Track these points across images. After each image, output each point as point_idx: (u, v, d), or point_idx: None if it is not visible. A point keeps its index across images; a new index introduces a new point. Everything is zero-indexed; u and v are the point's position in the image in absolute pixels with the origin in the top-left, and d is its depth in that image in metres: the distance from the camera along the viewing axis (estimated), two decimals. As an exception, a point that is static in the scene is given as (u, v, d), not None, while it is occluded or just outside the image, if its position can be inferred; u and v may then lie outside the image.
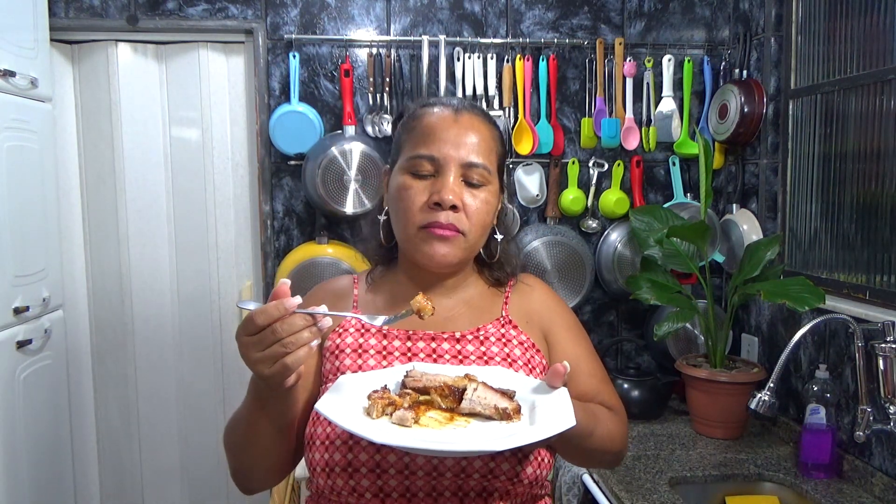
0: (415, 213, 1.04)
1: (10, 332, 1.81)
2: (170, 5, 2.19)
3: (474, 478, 0.97)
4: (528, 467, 1.00)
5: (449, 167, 1.04)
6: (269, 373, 0.87)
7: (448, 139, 1.05)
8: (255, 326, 0.86)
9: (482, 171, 1.06)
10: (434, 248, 1.05)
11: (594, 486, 1.73)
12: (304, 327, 0.87)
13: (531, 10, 2.29)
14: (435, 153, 1.05)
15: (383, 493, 0.97)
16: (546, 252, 2.26)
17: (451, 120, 1.07)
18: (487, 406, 0.92)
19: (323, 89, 2.24)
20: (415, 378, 0.97)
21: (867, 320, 1.66)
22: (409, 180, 1.06)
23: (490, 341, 1.09)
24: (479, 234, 1.08)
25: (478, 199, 1.06)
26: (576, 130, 2.33)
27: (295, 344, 0.86)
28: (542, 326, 1.15)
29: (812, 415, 1.74)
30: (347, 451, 0.97)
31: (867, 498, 1.63)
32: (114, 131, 2.25)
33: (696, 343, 2.30)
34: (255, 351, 0.87)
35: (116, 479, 2.38)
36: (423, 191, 1.04)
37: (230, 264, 2.35)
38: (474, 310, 1.14)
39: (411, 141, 1.08)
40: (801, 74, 2.04)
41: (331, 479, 0.98)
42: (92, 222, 2.30)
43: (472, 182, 1.06)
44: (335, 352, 1.09)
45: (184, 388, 2.37)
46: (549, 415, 0.89)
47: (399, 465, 0.97)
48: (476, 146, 1.06)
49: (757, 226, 2.17)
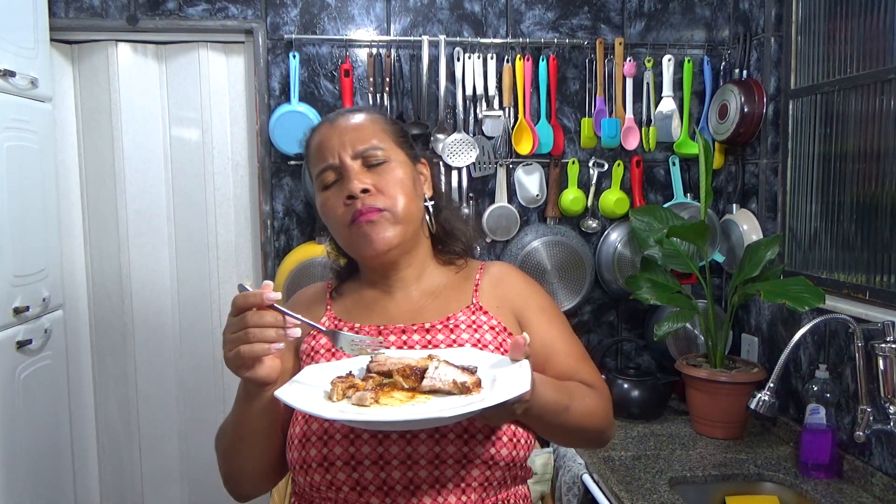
0: (338, 218, 1.10)
1: (10, 332, 1.81)
2: (170, 5, 2.19)
3: (449, 464, 0.98)
4: (502, 449, 1.01)
5: (345, 164, 1.10)
6: (228, 356, 0.92)
7: (333, 143, 1.11)
8: (236, 308, 0.92)
9: (375, 150, 1.11)
10: (368, 235, 1.08)
11: (594, 486, 1.73)
12: (271, 325, 0.91)
13: (531, 10, 2.29)
14: (329, 160, 1.11)
15: (360, 486, 0.98)
16: (546, 252, 2.26)
17: (329, 128, 1.14)
18: (446, 382, 0.92)
19: (323, 89, 2.24)
20: (379, 363, 0.98)
21: (867, 320, 1.66)
22: (324, 195, 1.12)
23: (460, 328, 1.11)
24: (405, 202, 1.10)
25: (385, 174, 1.10)
26: (576, 130, 2.33)
27: (256, 337, 0.90)
28: (514, 310, 1.16)
29: (812, 415, 1.74)
30: (322, 446, 0.99)
31: (867, 498, 1.63)
32: (114, 131, 2.25)
33: (696, 343, 2.30)
34: (227, 331, 0.93)
35: (116, 479, 2.38)
36: (337, 195, 1.10)
37: (230, 264, 2.35)
38: (442, 299, 1.16)
39: (312, 165, 1.15)
40: (801, 74, 2.04)
41: (308, 475, 1.00)
42: (92, 222, 2.30)
43: (373, 164, 1.10)
44: (310, 353, 1.12)
45: (184, 387, 2.37)
46: (508, 383, 0.89)
47: (373, 456, 0.98)
48: (358, 135, 1.11)
49: (757, 226, 2.17)
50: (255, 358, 0.92)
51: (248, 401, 1.00)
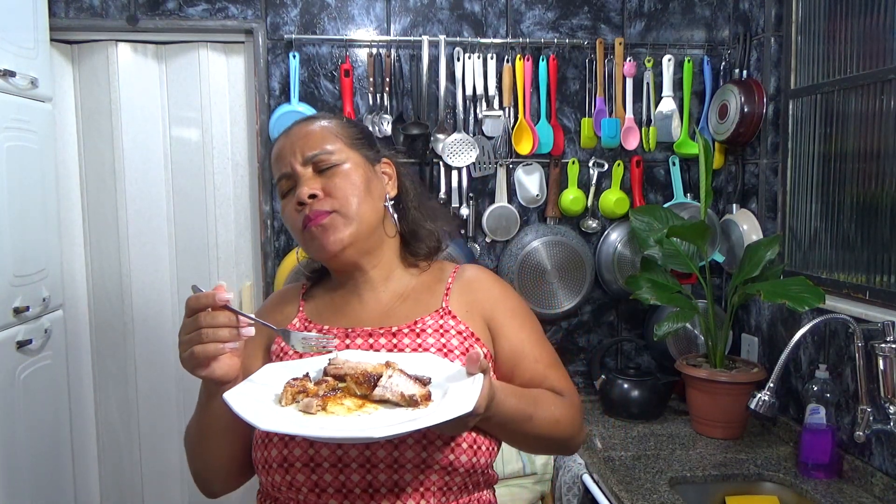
0: (293, 224, 1.11)
1: (10, 332, 1.81)
2: (170, 5, 2.19)
3: (408, 469, 0.98)
4: (461, 455, 1.00)
5: (297, 171, 1.11)
6: (182, 356, 0.94)
7: (286, 152, 1.13)
8: (189, 310, 0.94)
9: (324, 155, 1.11)
10: (318, 238, 1.09)
11: (594, 486, 1.73)
12: (224, 325, 0.92)
13: (531, 10, 2.29)
14: (283, 169, 1.13)
15: (319, 488, 0.98)
16: (546, 252, 2.26)
17: (284, 137, 1.16)
18: (396, 393, 0.91)
19: (323, 89, 2.24)
20: (336, 366, 0.98)
21: (867, 320, 1.66)
22: (283, 203, 1.14)
23: (427, 333, 1.09)
24: (356, 203, 1.10)
25: (336, 178, 1.10)
26: (576, 130, 2.33)
27: (209, 337, 0.91)
28: (483, 315, 1.14)
29: (812, 415, 1.74)
30: (283, 447, 0.99)
31: (867, 498, 1.63)
32: (114, 131, 2.25)
33: (696, 343, 2.30)
34: (181, 333, 0.94)
35: (116, 479, 2.38)
36: (291, 201, 1.12)
37: (230, 264, 2.35)
38: (411, 303, 1.15)
39: (273, 174, 1.17)
40: (801, 74, 2.04)
41: (269, 475, 1.01)
42: (92, 222, 2.30)
43: (324, 168, 1.11)
44: (279, 354, 1.12)
45: (184, 388, 2.37)
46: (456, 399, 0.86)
47: (332, 458, 0.98)
48: (308, 141, 1.13)
49: (757, 226, 2.17)
50: (210, 358, 0.93)
51: (209, 399, 1.02)
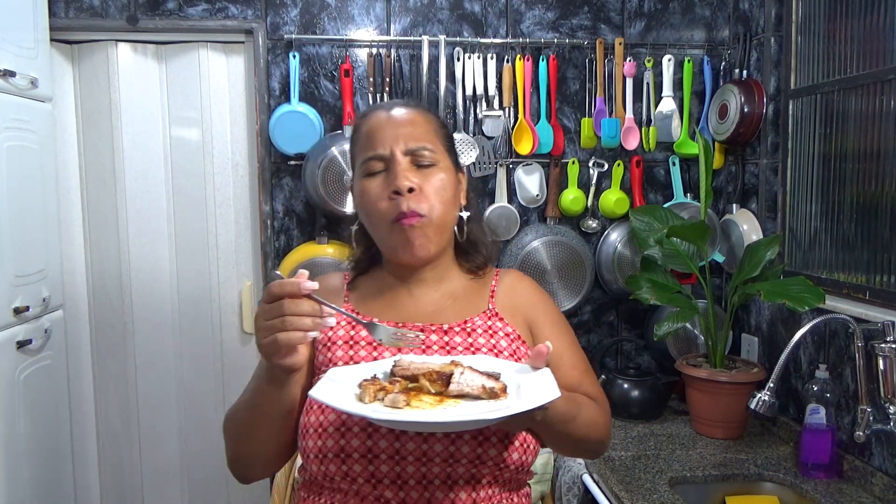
0: (380, 209, 1.10)
1: (10, 332, 1.81)
2: (170, 5, 2.19)
3: (462, 464, 1.01)
4: (514, 453, 1.04)
5: (395, 157, 1.10)
6: (263, 342, 0.92)
7: (387, 134, 1.11)
8: (270, 296, 0.91)
9: (426, 151, 1.11)
10: (409, 239, 1.09)
11: (594, 486, 1.73)
12: (308, 313, 0.91)
13: (531, 10, 2.29)
14: (380, 150, 1.10)
15: (375, 478, 1.01)
16: (546, 252, 2.26)
17: (386, 118, 1.13)
18: (475, 387, 0.95)
19: (323, 89, 2.24)
20: (403, 367, 1.00)
21: (867, 320, 1.66)
22: (366, 183, 1.11)
23: (477, 333, 1.13)
24: (443, 211, 1.12)
25: (432, 178, 1.11)
26: (576, 130, 2.33)
27: (293, 325, 0.90)
28: (526, 319, 1.19)
29: (812, 415, 1.74)
30: (340, 437, 1.01)
31: (867, 498, 1.63)
32: (114, 131, 2.25)
33: (696, 343, 2.30)
34: (261, 319, 0.92)
35: (116, 479, 2.38)
36: (381, 186, 1.10)
37: (230, 264, 2.35)
38: (460, 303, 1.18)
39: (358, 149, 1.14)
40: (801, 74, 2.04)
41: (324, 465, 1.01)
42: (92, 222, 2.30)
43: (422, 164, 1.10)
44: (327, 344, 1.12)
45: (184, 387, 2.37)
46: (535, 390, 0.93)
47: (390, 450, 1.00)
48: (414, 132, 1.11)
49: (757, 226, 2.17)
50: (293, 345, 0.92)
51: (274, 385, 1.01)
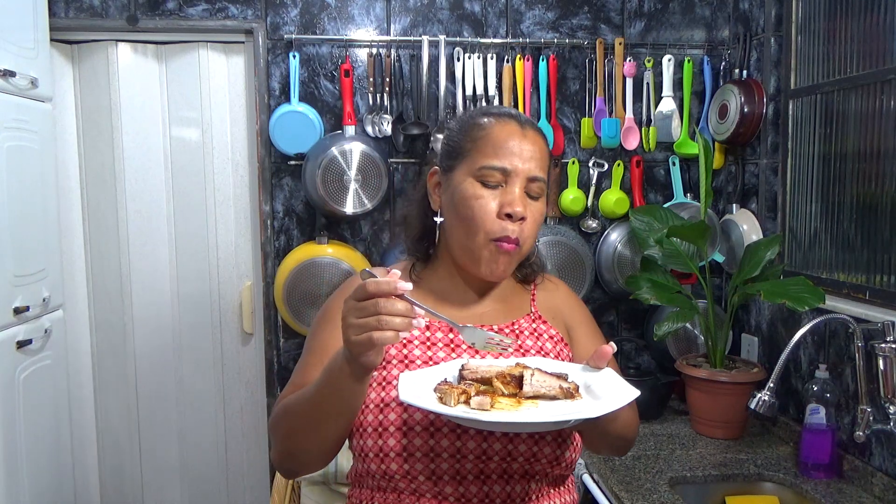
0: (486, 222, 1.09)
1: (10, 332, 1.81)
2: (170, 5, 2.19)
3: (519, 461, 1.05)
4: (566, 451, 1.08)
5: (517, 179, 1.10)
6: (355, 340, 0.91)
7: (518, 152, 1.11)
8: (365, 293, 0.90)
9: (542, 184, 1.13)
10: (498, 262, 1.11)
11: (594, 486, 1.73)
12: (402, 313, 0.91)
13: (531, 10, 2.29)
14: (507, 165, 1.10)
15: (436, 476, 1.04)
16: (546, 252, 2.26)
17: (520, 134, 1.12)
18: (551, 387, 0.98)
19: (323, 89, 2.24)
20: (472, 370, 1.02)
21: (867, 320, 1.66)
22: (479, 189, 1.10)
23: (524, 335, 1.17)
24: (531, 244, 1.15)
25: (535, 212, 1.13)
26: (576, 130, 2.33)
27: (388, 324, 0.90)
28: (565, 322, 1.24)
29: (812, 415, 1.74)
30: (402, 436, 1.04)
31: (867, 498, 1.63)
32: (114, 131, 2.25)
33: (696, 343, 2.30)
34: (352, 316, 0.91)
35: (116, 479, 2.38)
36: (493, 200, 1.10)
37: (230, 264, 2.35)
38: (507, 306, 1.21)
39: (480, 149, 1.12)
40: (801, 74, 2.04)
41: (384, 463, 1.04)
42: (92, 222, 2.30)
43: (532, 195, 1.12)
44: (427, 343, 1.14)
45: (184, 387, 2.37)
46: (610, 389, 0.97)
47: (451, 449, 1.04)
48: (539, 161, 1.13)
49: (757, 226, 2.17)
50: (386, 344, 0.91)
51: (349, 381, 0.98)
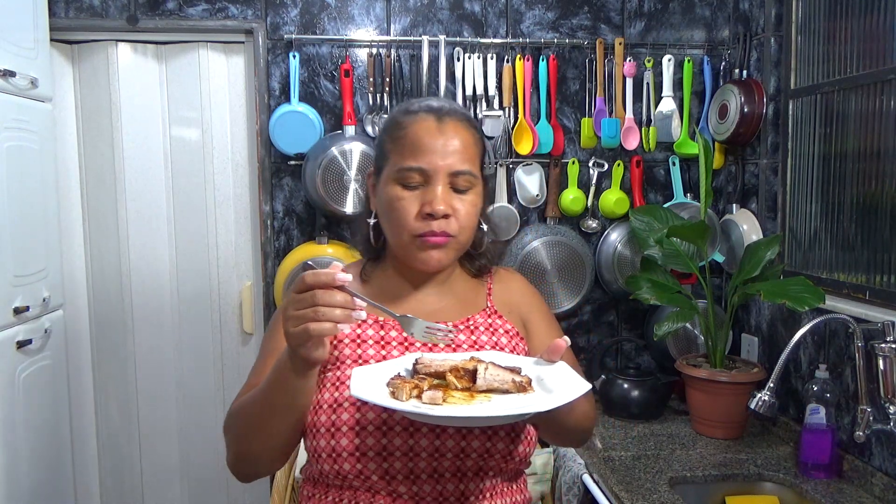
0: (408, 223, 1.09)
1: (10, 332, 1.81)
2: (170, 5, 2.19)
3: (472, 458, 1.04)
4: (520, 446, 1.07)
5: (437, 177, 1.08)
6: (293, 331, 0.90)
7: (434, 149, 1.08)
8: (303, 285, 0.90)
9: (468, 177, 1.10)
10: (429, 254, 1.10)
11: (594, 486, 1.73)
12: (340, 304, 0.89)
13: (531, 10, 2.29)
14: (423, 165, 1.08)
15: (389, 475, 1.03)
16: (546, 252, 2.26)
17: (436, 129, 1.10)
18: (504, 381, 0.97)
19: (323, 89, 2.24)
20: (425, 364, 1.01)
21: (867, 320, 1.66)
22: (399, 191, 1.09)
23: (479, 331, 1.16)
24: (469, 234, 1.14)
25: (466, 203, 1.11)
26: (576, 130, 2.33)
27: (325, 315, 0.89)
28: (521, 315, 1.23)
29: (812, 415, 1.74)
30: (355, 436, 1.02)
31: (867, 498, 1.63)
32: (114, 131, 2.25)
33: (696, 343, 2.30)
34: (291, 308, 0.90)
35: (116, 479, 2.38)
36: (414, 201, 1.08)
37: (230, 264, 2.35)
38: (462, 301, 1.20)
39: (398, 151, 1.11)
40: (801, 74, 2.04)
41: (337, 463, 1.03)
42: (92, 222, 2.30)
43: (459, 188, 1.10)
44: (333, 342, 1.13)
45: (184, 387, 2.38)
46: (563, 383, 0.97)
47: (404, 447, 1.03)
48: (461, 154, 1.10)
49: (757, 226, 2.17)
50: (322, 336, 0.90)
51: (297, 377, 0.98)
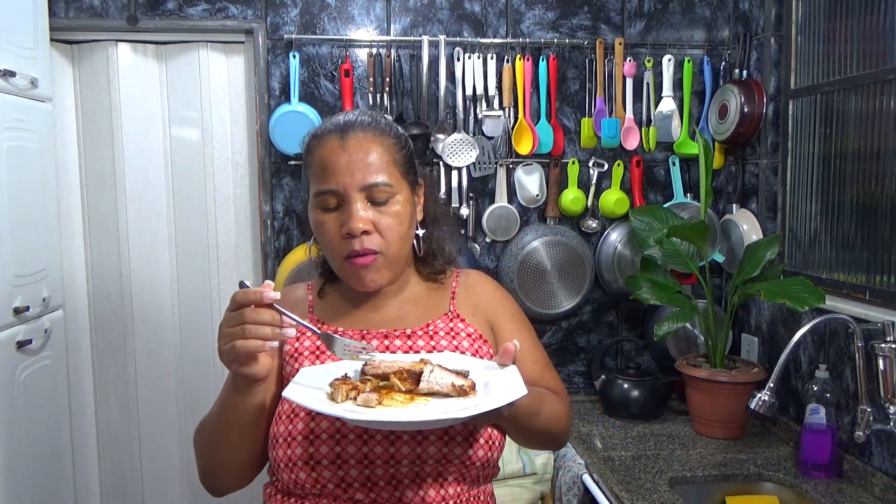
0: (333, 247, 1.09)
1: (10, 332, 1.81)
2: (170, 5, 2.19)
3: (429, 464, 1.03)
4: (479, 451, 1.06)
5: (350, 196, 1.07)
6: (223, 349, 0.93)
7: (340, 168, 1.07)
8: (234, 304, 0.94)
9: (383, 188, 1.08)
10: (360, 276, 1.09)
11: (594, 486, 1.74)
12: (267, 323, 0.92)
13: (531, 10, 2.29)
14: (333, 186, 1.07)
15: (345, 483, 1.02)
16: (546, 252, 2.26)
17: (339, 147, 1.08)
18: (445, 385, 0.96)
19: (323, 89, 2.24)
20: (374, 366, 1.01)
21: (867, 320, 1.66)
22: (320, 216, 1.10)
23: (439, 335, 1.15)
24: (399, 245, 1.11)
25: (387, 215, 1.08)
26: (576, 130, 2.33)
27: (252, 333, 0.91)
28: (487, 318, 1.21)
29: (812, 415, 1.74)
30: (308, 445, 1.02)
31: (867, 498, 1.63)
32: (114, 131, 2.25)
33: (696, 343, 2.30)
34: (223, 325, 0.94)
35: (116, 479, 2.38)
36: (335, 223, 1.09)
37: (230, 264, 2.35)
38: (422, 307, 1.19)
39: (312, 175, 1.11)
40: (801, 74, 2.04)
41: (293, 473, 1.02)
42: (92, 222, 2.30)
43: (377, 201, 1.08)
44: (294, 355, 1.13)
45: (184, 387, 2.37)
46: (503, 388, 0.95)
47: (358, 455, 1.01)
48: (370, 166, 1.07)
49: (757, 226, 2.17)
50: (250, 354, 0.93)
51: (238, 395, 1.02)
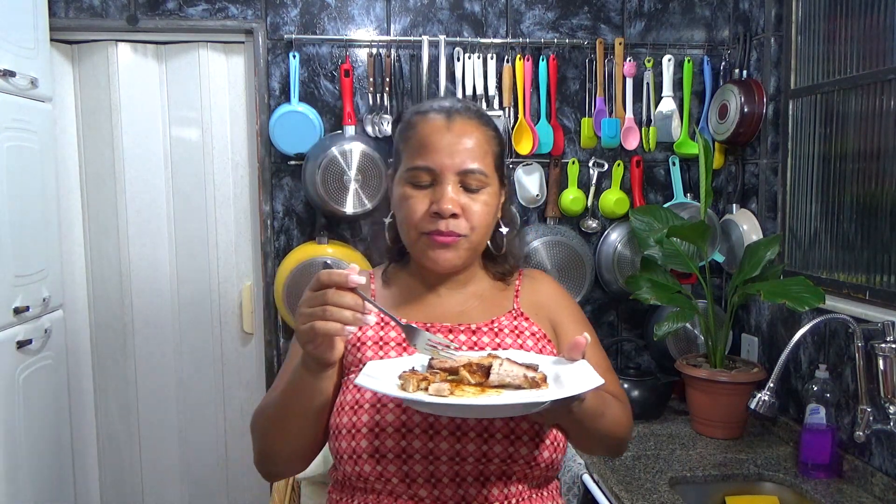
0: (416, 222, 1.08)
1: (10, 332, 1.81)
2: (170, 5, 2.19)
3: (495, 462, 1.02)
4: (544, 451, 1.05)
5: (446, 176, 1.07)
6: (301, 329, 0.91)
7: (442, 148, 1.08)
8: (318, 283, 0.91)
9: (479, 175, 1.09)
10: (437, 254, 1.09)
11: (594, 486, 1.73)
12: (350, 307, 0.90)
13: (531, 10, 2.29)
14: (431, 164, 1.08)
15: (409, 478, 1.02)
16: (546, 252, 2.26)
17: (444, 128, 1.09)
18: (516, 377, 0.95)
19: (323, 89, 2.24)
20: (441, 360, 1.00)
21: (867, 320, 1.66)
22: (409, 190, 1.09)
23: (504, 333, 1.14)
24: (482, 234, 1.12)
25: (477, 203, 1.09)
26: (576, 130, 2.33)
27: (332, 315, 0.89)
28: (550, 318, 1.20)
29: (812, 415, 1.74)
30: (374, 438, 1.01)
31: (867, 498, 1.63)
32: (114, 131, 2.25)
33: (696, 343, 2.30)
34: (304, 305, 0.91)
35: (116, 479, 2.38)
36: (423, 200, 1.08)
37: (230, 264, 2.35)
38: (486, 303, 1.19)
39: (408, 151, 1.11)
40: (801, 74, 2.04)
41: (358, 465, 1.02)
42: (92, 222, 2.30)
43: (470, 187, 1.09)
44: (356, 344, 1.12)
45: (184, 388, 2.37)
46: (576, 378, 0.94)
47: (424, 450, 1.01)
48: (471, 152, 1.08)
49: (757, 226, 2.17)
50: (328, 336, 0.91)
51: (307, 378, 0.99)
